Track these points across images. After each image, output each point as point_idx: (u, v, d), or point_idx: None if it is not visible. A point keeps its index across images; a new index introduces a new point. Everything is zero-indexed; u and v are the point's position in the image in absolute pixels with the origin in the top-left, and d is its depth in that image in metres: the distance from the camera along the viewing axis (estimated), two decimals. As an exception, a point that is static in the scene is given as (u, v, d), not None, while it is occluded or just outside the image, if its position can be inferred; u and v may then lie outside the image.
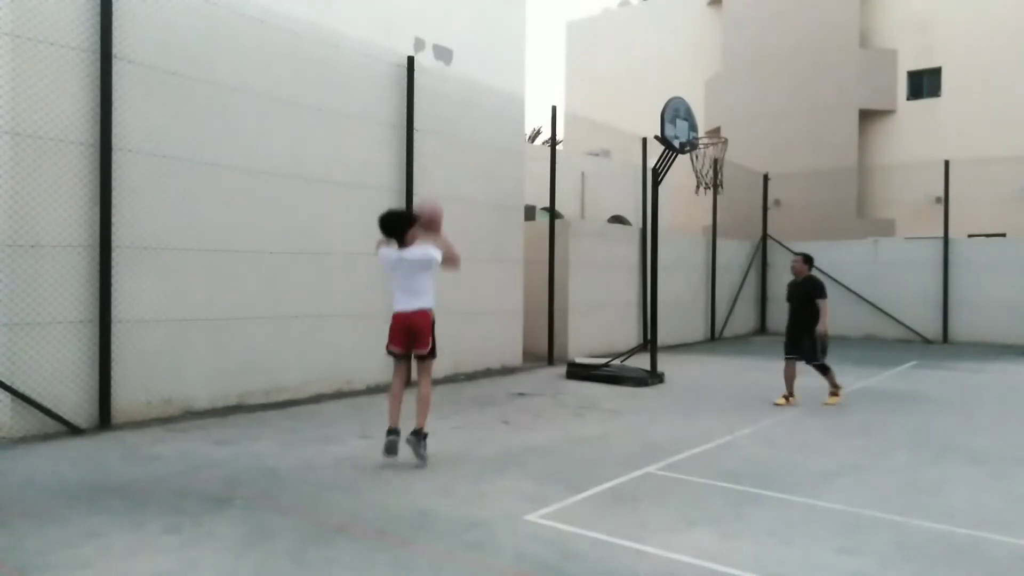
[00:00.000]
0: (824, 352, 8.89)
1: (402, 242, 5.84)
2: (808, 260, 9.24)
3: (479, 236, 11.35)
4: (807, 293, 8.92)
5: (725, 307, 18.44)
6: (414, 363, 6.16)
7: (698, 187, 12.49)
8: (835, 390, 9.07)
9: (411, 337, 5.88)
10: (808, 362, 8.93)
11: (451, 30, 10.93)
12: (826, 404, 8.92)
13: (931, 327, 17.57)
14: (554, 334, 12.84)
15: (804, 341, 8.88)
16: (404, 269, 5.84)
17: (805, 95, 23.76)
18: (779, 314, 19.68)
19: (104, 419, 6.95)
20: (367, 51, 9.55)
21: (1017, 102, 21.46)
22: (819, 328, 8.77)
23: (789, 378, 8.99)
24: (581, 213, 19.75)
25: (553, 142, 12.68)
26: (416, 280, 5.82)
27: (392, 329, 5.94)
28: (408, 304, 5.84)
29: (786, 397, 8.95)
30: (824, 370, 8.98)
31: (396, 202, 10.00)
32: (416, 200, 5.86)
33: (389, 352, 6.01)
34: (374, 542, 4.19)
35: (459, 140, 10.98)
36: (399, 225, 5.86)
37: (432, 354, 5.97)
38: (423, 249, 5.81)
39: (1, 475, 5.38)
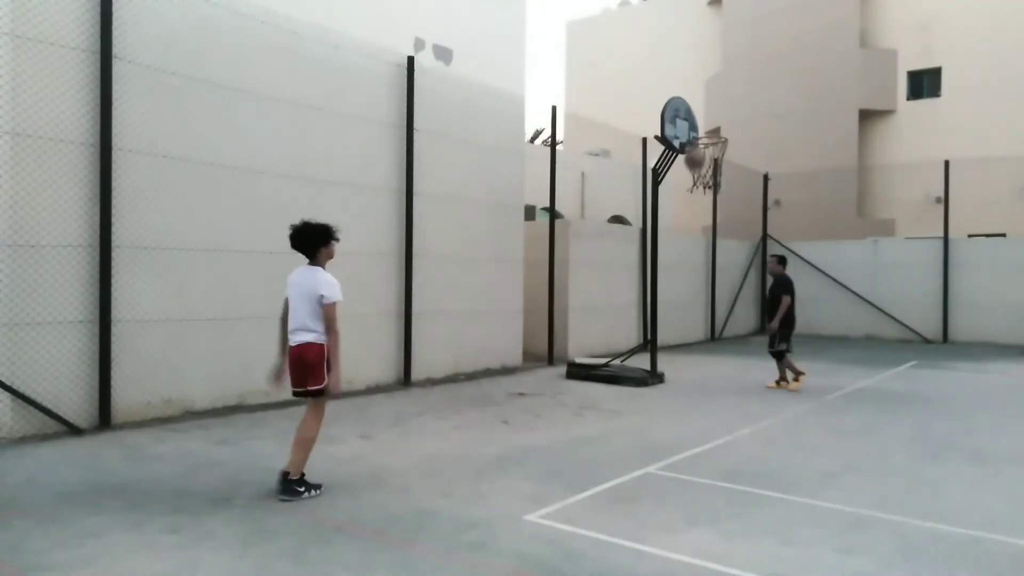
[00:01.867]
0: (780, 342, 9.96)
1: (313, 260, 5.17)
2: (783, 261, 10.28)
3: (479, 236, 11.35)
4: (775, 288, 10.06)
5: (725, 307, 18.44)
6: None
7: (694, 185, 12.50)
8: (797, 375, 10.08)
9: (302, 373, 5.01)
10: (768, 348, 10.12)
11: (451, 30, 10.93)
12: (778, 387, 10.08)
13: (931, 327, 17.57)
14: (554, 334, 12.84)
15: (784, 332, 9.98)
16: (295, 293, 5.10)
17: (805, 95, 23.76)
18: (779, 314, 19.69)
19: (104, 419, 6.95)
20: (367, 51, 9.55)
21: (1017, 102, 21.46)
22: (772, 324, 9.91)
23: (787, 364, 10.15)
24: (581, 213, 19.75)
25: (553, 142, 12.69)
26: (305, 307, 5.02)
27: (288, 363, 5.12)
28: (296, 335, 5.04)
29: (795, 378, 10.09)
30: (780, 356, 10.05)
31: (397, 202, 10.00)
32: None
33: (293, 392, 5.17)
34: (374, 542, 4.19)
35: (459, 140, 10.98)
36: (308, 240, 5.14)
37: (324, 391, 5.05)
38: (319, 280, 5.03)
39: (1, 475, 5.38)
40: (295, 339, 5.04)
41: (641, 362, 11.28)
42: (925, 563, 3.97)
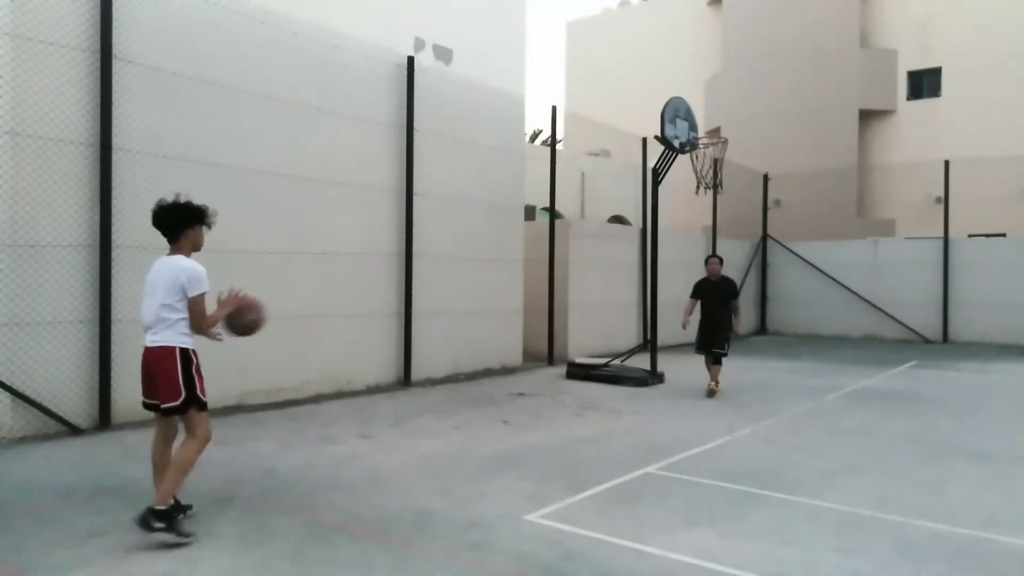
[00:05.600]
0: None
1: (175, 246, 4.38)
2: (722, 261, 9.98)
3: (479, 236, 11.35)
4: (729, 292, 9.64)
5: (725, 307, 18.41)
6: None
7: (698, 187, 12.49)
8: (717, 381, 9.62)
9: (151, 383, 4.29)
10: (718, 350, 9.57)
11: (451, 30, 10.94)
12: (715, 393, 9.47)
13: (931, 327, 17.57)
14: (554, 334, 12.84)
15: (722, 334, 9.55)
16: (153, 285, 4.29)
17: (805, 95, 23.76)
18: (779, 314, 19.72)
19: (104, 419, 6.95)
20: (367, 51, 9.55)
21: (1017, 102, 21.46)
22: (737, 326, 9.65)
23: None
24: (581, 213, 19.75)
25: (553, 142, 12.68)
26: (158, 302, 4.23)
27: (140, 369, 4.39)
28: (149, 336, 4.27)
29: (715, 384, 9.58)
30: (720, 362, 9.69)
31: (397, 202, 9.99)
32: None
33: (143, 403, 4.47)
34: (374, 542, 4.19)
35: (459, 140, 10.98)
36: (172, 220, 4.33)
37: (190, 403, 4.24)
38: (177, 267, 4.25)
39: (1, 475, 5.38)
40: (146, 341, 4.28)
41: (641, 362, 11.28)
42: (925, 563, 3.97)
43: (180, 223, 4.34)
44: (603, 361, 11.36)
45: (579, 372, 10.97)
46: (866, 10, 23.75)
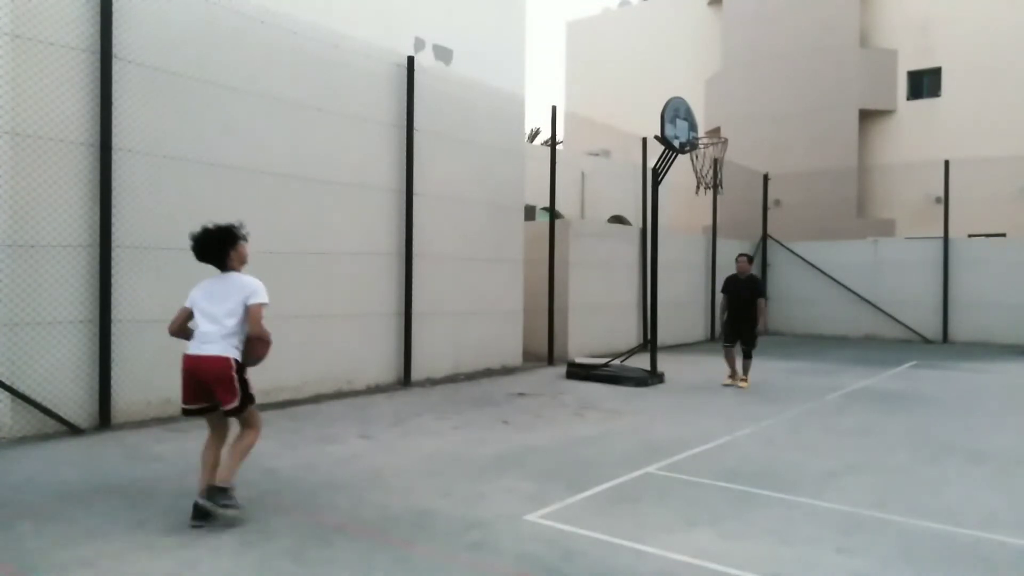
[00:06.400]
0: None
1: (224, 266, 4.65)
2: (752, 259, 10.64)
3: (479, 236, 11.36)
4: (756, 290, 10.30)
5: (725, 307, 18.42)
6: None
7: (698, 187, 12.50)
8: (746, 377, 10.40)
9: (203, 388, 4.57)
10: (744, 345, 10.31)
11: (451, 30, 10.94)
12: (741, 388, 10.20)
13: (931, 327, 17.57)
14: (554, 334, 12.84)
15: (746, 330, 10.27)
16: (210, 300, 4.56)
17: (805, 95, 23.77)
18: (779, 314, 19.72)
19: (104, 419, 6.95)
20: (367, 51, 9.55)
21: (1017, 102, 21.46)
22: (760, 327, 10.22)
23: (733, 361, 10.43)
24: (581, 213, 19.75)
25: (553, 142, 12.68)
26: (220, 315, 4.52)
27: (181, 377, 4.63)
28: (200, 346, 4.53)
29: (732, 377, 10.41)
30: (750, 357, 10.45)
31: (397, 202, 9.99)
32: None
33: (184, 410, 4.69)
34: (374, 542, 4.19)
35: (459, 140, 10.98)
36: (216, 247, 4.59)
37: (244, 405, 4.60)
38: (242, 283, 4.57)
39: (1, 475, 5.38)
40: (201, 350, 4.51)
41: (641, 362, 11.28)
42: (925, 563, 3.97)
43: (224, 248, 4.62)
44: (603, 361, 11.36)
45: (579, 372, 10.97)
46: (866, 10, 23.75)
